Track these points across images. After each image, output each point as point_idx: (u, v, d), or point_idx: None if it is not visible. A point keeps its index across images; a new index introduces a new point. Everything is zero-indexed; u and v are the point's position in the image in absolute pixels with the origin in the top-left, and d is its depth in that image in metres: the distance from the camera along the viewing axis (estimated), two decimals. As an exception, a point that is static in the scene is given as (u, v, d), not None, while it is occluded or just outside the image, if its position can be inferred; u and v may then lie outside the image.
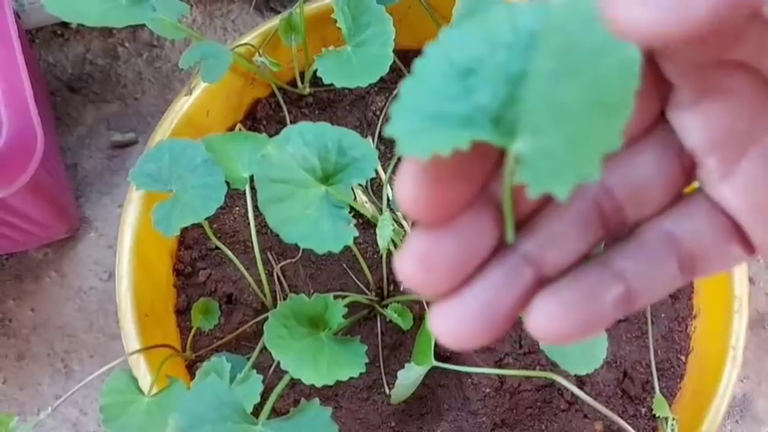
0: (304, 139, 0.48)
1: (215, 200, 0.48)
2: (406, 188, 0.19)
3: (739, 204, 0.23)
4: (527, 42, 0.19)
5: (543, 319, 0.21)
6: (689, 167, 0.24)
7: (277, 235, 0.59)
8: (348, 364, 0.53)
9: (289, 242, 0.46)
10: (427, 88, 0.19)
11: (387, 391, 0.61)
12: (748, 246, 0.23)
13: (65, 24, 0.94)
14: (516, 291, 0.21)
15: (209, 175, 0.49)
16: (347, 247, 0.61)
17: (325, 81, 0.55)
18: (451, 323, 0.21)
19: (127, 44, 0.93)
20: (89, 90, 0.91)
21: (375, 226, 0.55)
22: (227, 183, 0.50)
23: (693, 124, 0.23)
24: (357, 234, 0.49)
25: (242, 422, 0.45)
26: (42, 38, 0.93)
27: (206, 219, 0.51)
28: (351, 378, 0.52)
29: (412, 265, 0.20)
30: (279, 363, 0.50)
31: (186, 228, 0.66)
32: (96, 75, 0.92)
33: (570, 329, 0.21)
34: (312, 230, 0.47)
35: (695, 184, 0.24)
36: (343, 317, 0.60)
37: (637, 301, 0.22)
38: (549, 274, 0.22)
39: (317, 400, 0.46)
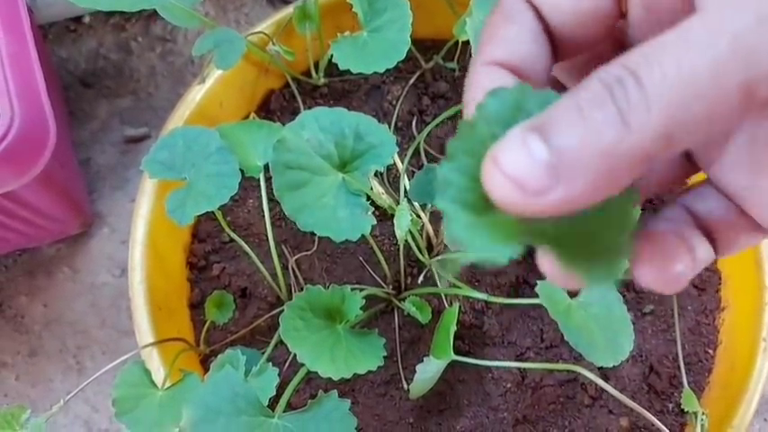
0: (320, 125, 0.46)
1: (229, 187, 0.47)
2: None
3: (734, 185, 0.24)
4: None
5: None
6: None
7: (292, 227, 0.58)
8: (366, 358, 0.51)
9: (305, 230, 0.45)
10: None
11: (405, 386, 0.59)
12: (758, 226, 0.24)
13: (77, 19, 0.93)
14: None
15: (223, 163, 0.48)
16: (364, 240, 0.60)
17: (341, 67, 0.53)
18: None
19: (140, 38, 0.92)
20: (102, 85, 0.90)
21: (392, 217, 0.54)
22: (241, 171, 0.49)
23: None
24: (375, 222, 0.47)
25: (257, 415, 0.43)
26: (55, 33, 0.93)
27: (220, 210, 0.50)
28: (368, 372, 0.50)
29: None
30: (294, 357, 0.49)
31: (199, 220, 0.66)
32: (109, 69, 0.91)
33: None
34: (329, 218, 0.46)
35: None
36: (361, 309, 0.59)
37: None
38: None
39: (335, 392, 0.45)
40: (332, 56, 0.54)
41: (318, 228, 0.45)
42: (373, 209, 0.65)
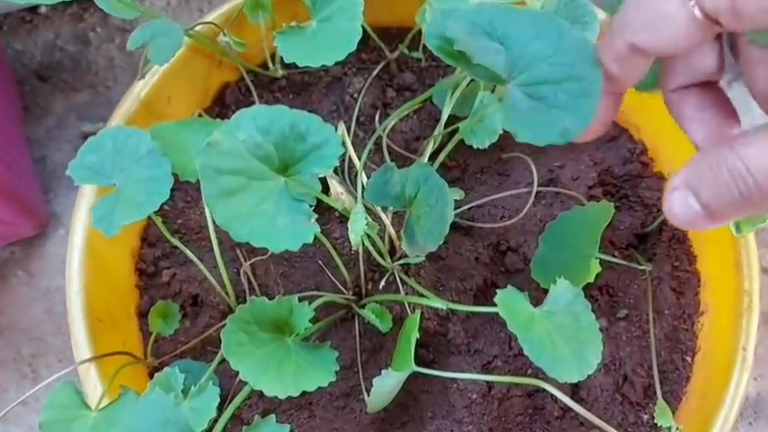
0: (257, 125, 0.43)
1: (160, 194, 0.43)
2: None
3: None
4: None
5: None
6: None
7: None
8: (316, 373, 0.48)
9: (239, 240, 0.41)
10: None
11: (365, 398, 0.56)
12: None
13: (33, 9, 0.89)
14: None
15: (154, 167, 0.44)
16: (322, 243, 0.56)
17: (287, 60, 0.49)
18: None
19: (98, 29, 0.88)
20: (59, 78, 0.86)
21: (352, 219, 0.50)
22: (175, 174, 0.45)
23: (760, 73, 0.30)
24: (318, 230, 0.44)
25: (189, 443, 0.40)
26: (10, 24, 0.89)
27: (156, 213, 0.46)
28: (320, 387, 0.47)
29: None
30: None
31: (149, 223, 0.62)
32: (66, 62, 0.87)
33: None
34: (266, 227, 0.42)
35: None
36: (317, 319, 0.55)
37: None
38: None
39: (272, 417, 0.41)
40: (276, 45, 0.50)
41: (254, 238, 0.41)
42: (332, 210, 0.61)
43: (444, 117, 0.58)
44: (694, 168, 0.29)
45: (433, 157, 0.59)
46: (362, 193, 0.56)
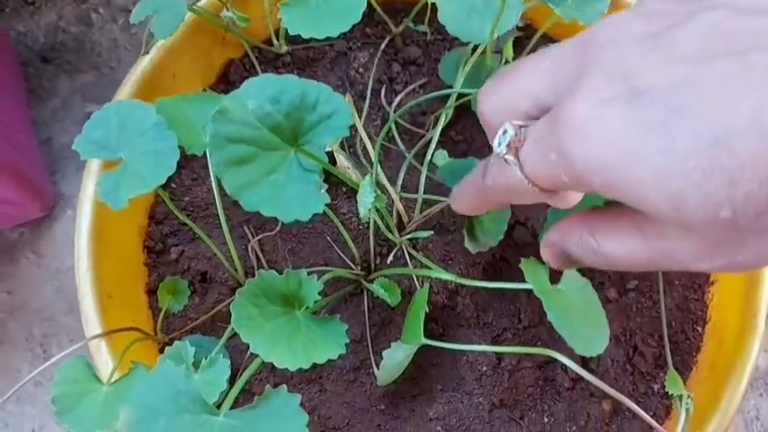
0: (267, 93, 0.42)
1: (167, 167, 0.43)
2: None
3: None
4: None
5: None
6: None
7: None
8: (327, 346, 0.48)
9: (249, 209, 0.41)
10: None
11: (375, 371, 0.56)
12: None
13: (36, -9, 0.88)
14: None
15: (160, 140, 0.44)
16: (329, 220, 0.56)
17: (291, 32, 0.49)
18: None
19: (101, 10, 0.88)
20: (63, 60, 0.86)
21: (359, 193, 0.50)
22: (181, 148, 0.45)
23: None
24: (329, 200, 0.43)
25: (201, 413, 0.40)
26: (12, 6, 0.88)
27: (163, 190, 0.46)
28: (330, 360, 0.47)
29: None
30: (252, 345, 0.45)
31: (156, 201, 0.62)
32: (70, 43, 0.87)
33: None
34: (277, 197, 0.42)
35: None
36: (327, 293, 0.56)
37: None
38: None
39: (284, 387, 0.41)
40: (280, 17, 0.49)
41: (264, 207, 0.41)
42: (341, 184, 0.61)
43: (456, 91, 0.58)
44: (565, 237, 0.35)
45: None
46: (371, 166, 0.56)
